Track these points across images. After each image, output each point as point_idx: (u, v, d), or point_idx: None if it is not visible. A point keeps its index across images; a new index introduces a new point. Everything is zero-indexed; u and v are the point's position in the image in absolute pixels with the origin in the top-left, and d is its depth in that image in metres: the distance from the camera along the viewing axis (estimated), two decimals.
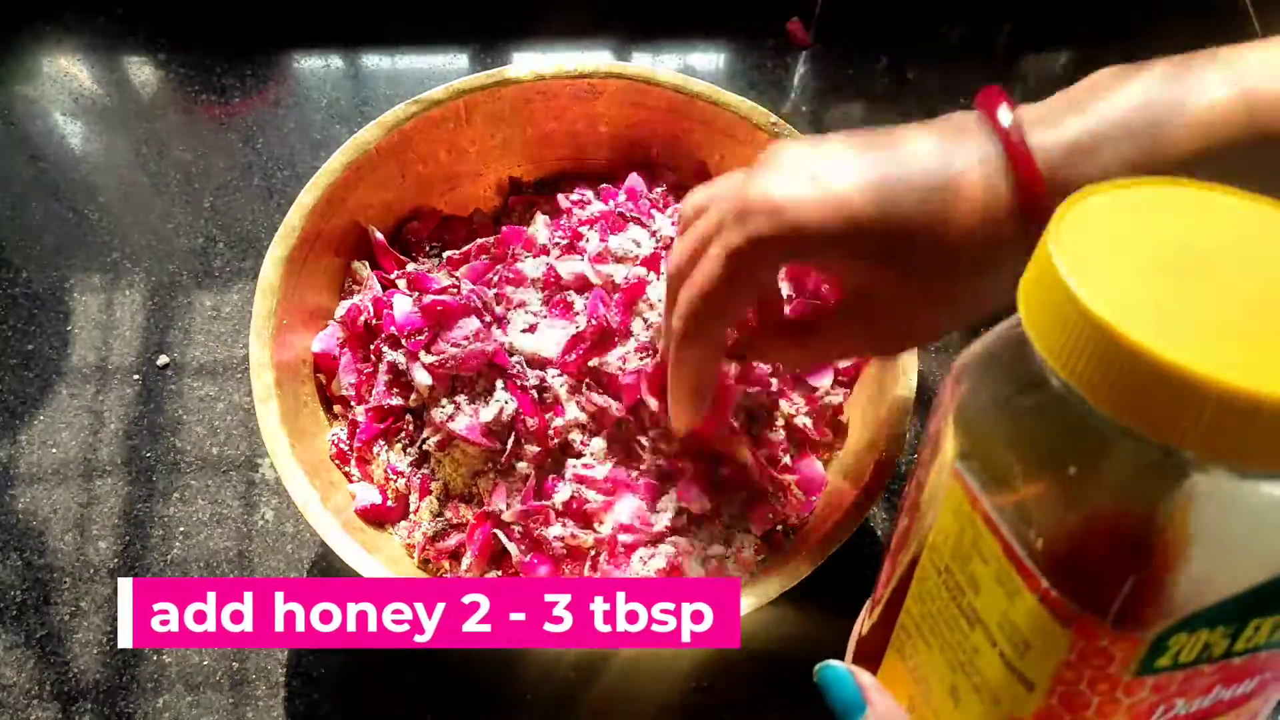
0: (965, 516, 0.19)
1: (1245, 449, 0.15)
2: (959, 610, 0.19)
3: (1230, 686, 0.18)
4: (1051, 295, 0.16)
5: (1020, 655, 0.18)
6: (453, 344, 0.45)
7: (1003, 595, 0.18)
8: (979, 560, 0.18)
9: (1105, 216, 0.17)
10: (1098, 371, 0.15)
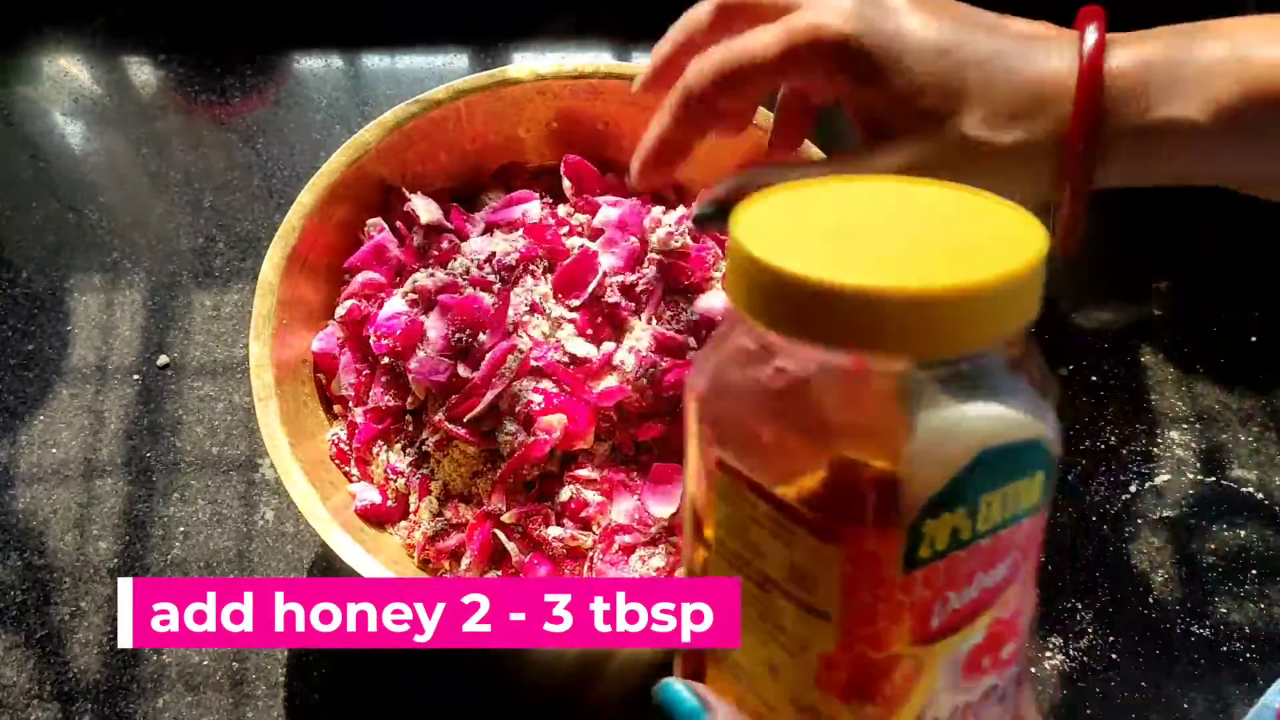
0: (735, 495, 0.21)
1: (899, 342, 0.18)
2: (756, 585, 0.21)
3: (989, 572, 0.20)
4: (737, 260, 0.19)
5: (810, 591, 0.20)
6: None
7: (782, 547, 0.20)
8: (756, 528, 0.20)
9: (782, 206, 0.21)
10: (770, 301, 0.19)
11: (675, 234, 0.49)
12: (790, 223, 0.21)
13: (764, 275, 0.18)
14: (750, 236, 0.19)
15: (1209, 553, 0.55)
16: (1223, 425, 0.59)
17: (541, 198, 0.52)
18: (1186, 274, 0.63)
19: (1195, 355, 0.60)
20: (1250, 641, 0.53)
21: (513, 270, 0.47)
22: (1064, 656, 0.52)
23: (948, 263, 0.19)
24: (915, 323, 0.18)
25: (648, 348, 0.46)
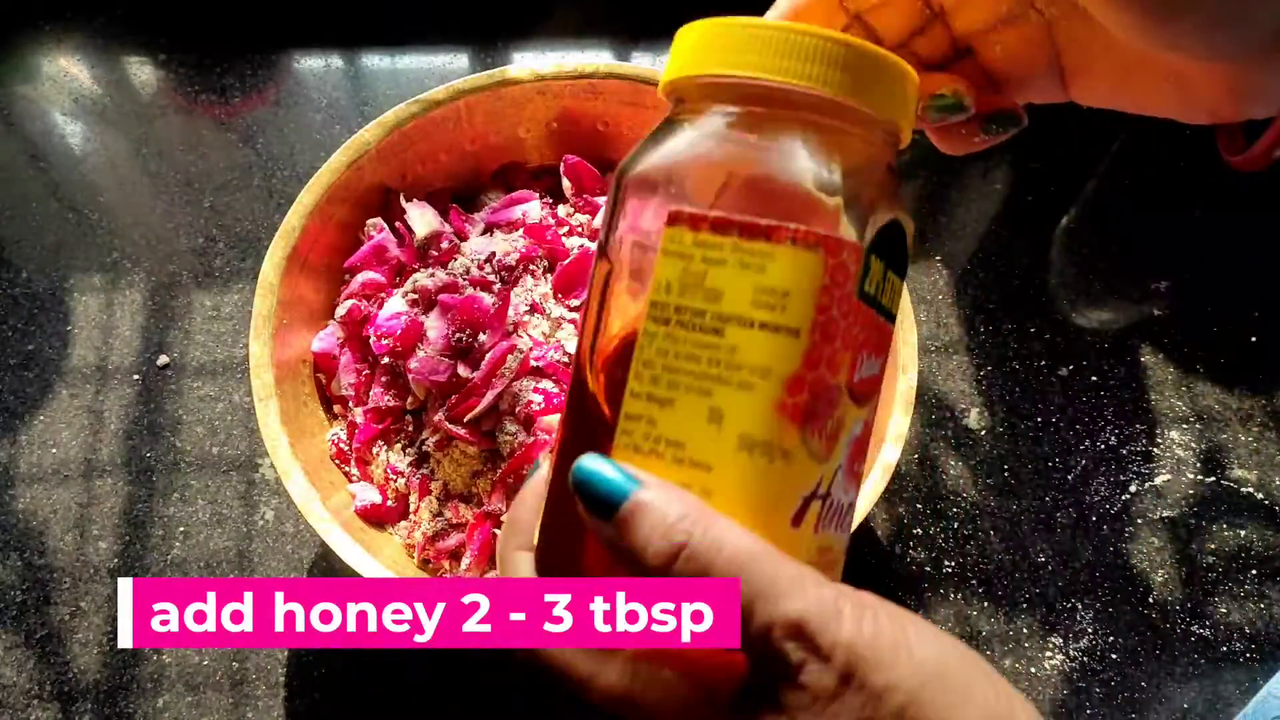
0: (688, 247, 0.22)
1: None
2: (700, 332, 0.22)
3: (875, 357, 0.23)
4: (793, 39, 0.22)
5: (782, 310, 0.21)
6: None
7: (750, 275, 0.21)
8: (716, 269, 0.22)
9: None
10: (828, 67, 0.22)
11: None
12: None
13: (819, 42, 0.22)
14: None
15: (1209, 553, 0.55)
16: (1223, 425, 0.59)
17: (541, 198, 0.52)
18: (1186, 274, 0.63)
19: (1195, 355, 0.60)
20: (1250, 641, 0.53)
21: (513, 270, 0.47)
22: (1064, 656, 0.52)
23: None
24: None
25: None
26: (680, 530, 0.21)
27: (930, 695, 0.20)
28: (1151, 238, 0.64)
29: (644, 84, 0.51)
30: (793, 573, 0.20)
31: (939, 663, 0.20)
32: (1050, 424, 0.58)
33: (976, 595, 0.53)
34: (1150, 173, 0.66)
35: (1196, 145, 0.66)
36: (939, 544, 0.55)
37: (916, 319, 0.45)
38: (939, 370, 0.60)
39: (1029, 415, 0.58)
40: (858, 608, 0.20)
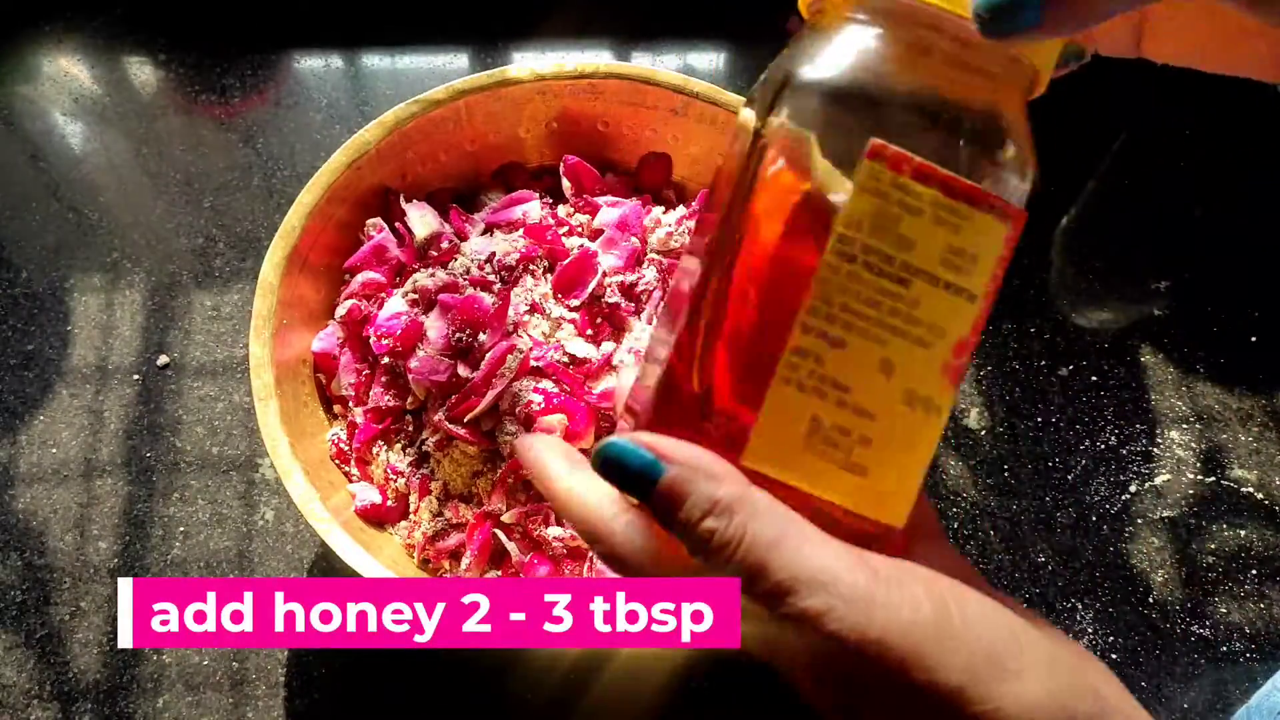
0: (885, 186, 0.21)
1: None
2: (885, 279, 0.22)
3: None
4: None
5: (967, 274, 0.22)
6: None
7: (944, 232, 0.22)
8: (911, 217, 0.21)
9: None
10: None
11: (675, 234, 0.49)
12: None
13: None
14: None
15: (1209, 553, 0.55)
16: (1223, 425, 0.59)
17: (541, 198, 0.52)
18: (1186, 274, 0.63)
19: (1195, 355, 0.60)
20: (1250, 641, 0.53)
21: (513, 270, 0.47)
22: None
23: None
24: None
25: (648, 347, 0.46)
26: (707, 525, 0.20)
27: (976, 690, 0.19)
28: (1151, 238, 0.64)
29: (644, 84, 0.51)
30: (819, 561, 0.19)
31: (989, 648, 0.19)
32: (1050, 424, 0.58)
33: None
34: (1150, 173, 0.66)
35: (1196, 145, 0.66)
36: None
37: None
38: None
39: (1029, 415, 0.58)
40: (896, 592, 0.19)
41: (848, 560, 0.19)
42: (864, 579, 0.19)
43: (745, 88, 0.70)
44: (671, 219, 0.50)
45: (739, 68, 0.72)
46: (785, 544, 0.19)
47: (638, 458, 0.21)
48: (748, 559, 0.19)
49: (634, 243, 0.49)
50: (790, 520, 0.20)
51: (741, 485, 0.20)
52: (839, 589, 0.19)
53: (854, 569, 0.19)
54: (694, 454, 0.21)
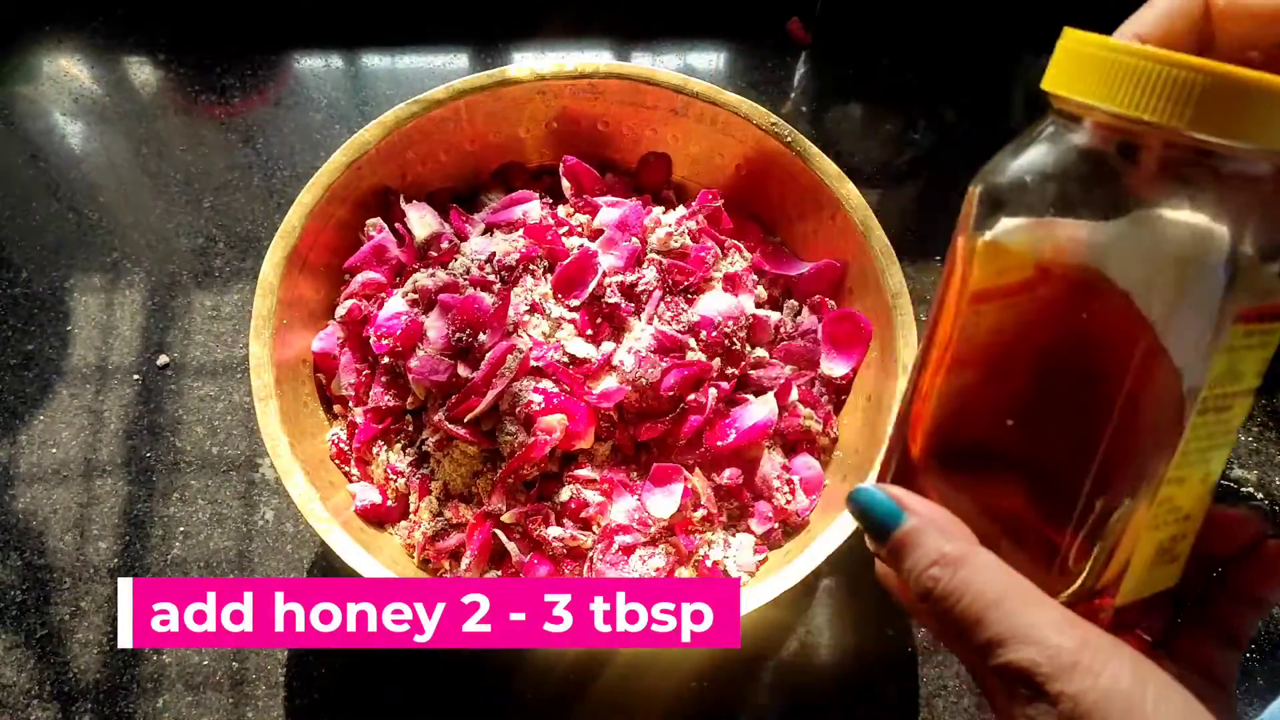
0: (1240, 339, 0.21)
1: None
2: (1221, 413, 0.22)
3: None
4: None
5: (1258, 376, 0.23)
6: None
7: (1258, 352, 0.22)
8: (1245, 353, 0.22)
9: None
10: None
11: (675, 234, 0.49)
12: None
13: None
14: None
15: None
16: None
17: (541, 198, 0.52)
18: None
19: None
20: (1250, 641, 0.53)
21: (513, 270, 0.47)
22: None
23: None
24: None
25: (648, 348, 0.46)
26: (932, 574, 0.22)
27: None
28: None
29: (644, 84, 0.51)
30: (1033, 620, 0.21)
31: None
32: None
33: None
34: None
35: None
36: None
37: (916, 319, 0.45)
38: None
39: None
40: (1100, 660, 0.20)
41: (1061, 624, 0.21)
42: (1072, 644, 0.21)
43: (745, 88, 0.70)
44: (671, 219, 0.50)
45: (739, 68, 0.72)
46: (1005, 604, 0.21)
47: (883, 506, 0.24)
48: (968, 611, 0.21)
49: (634, 243, 0.49)
50: (1013, 581, 0.22)
51: (969, 544, 0.22)
52: (1045, 649, 0.20)
53: (1065, 632, 0.21)
54: (932, 510, 0.23)
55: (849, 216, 0.48)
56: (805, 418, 0.48)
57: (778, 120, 0.50)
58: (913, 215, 0.66)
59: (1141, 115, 0.20)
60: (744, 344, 0.48)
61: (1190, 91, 0.19)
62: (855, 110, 0.70)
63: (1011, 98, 0.71)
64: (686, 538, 0.45)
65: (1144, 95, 0.20)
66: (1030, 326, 0.23)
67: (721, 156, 0.53)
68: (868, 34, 0.73)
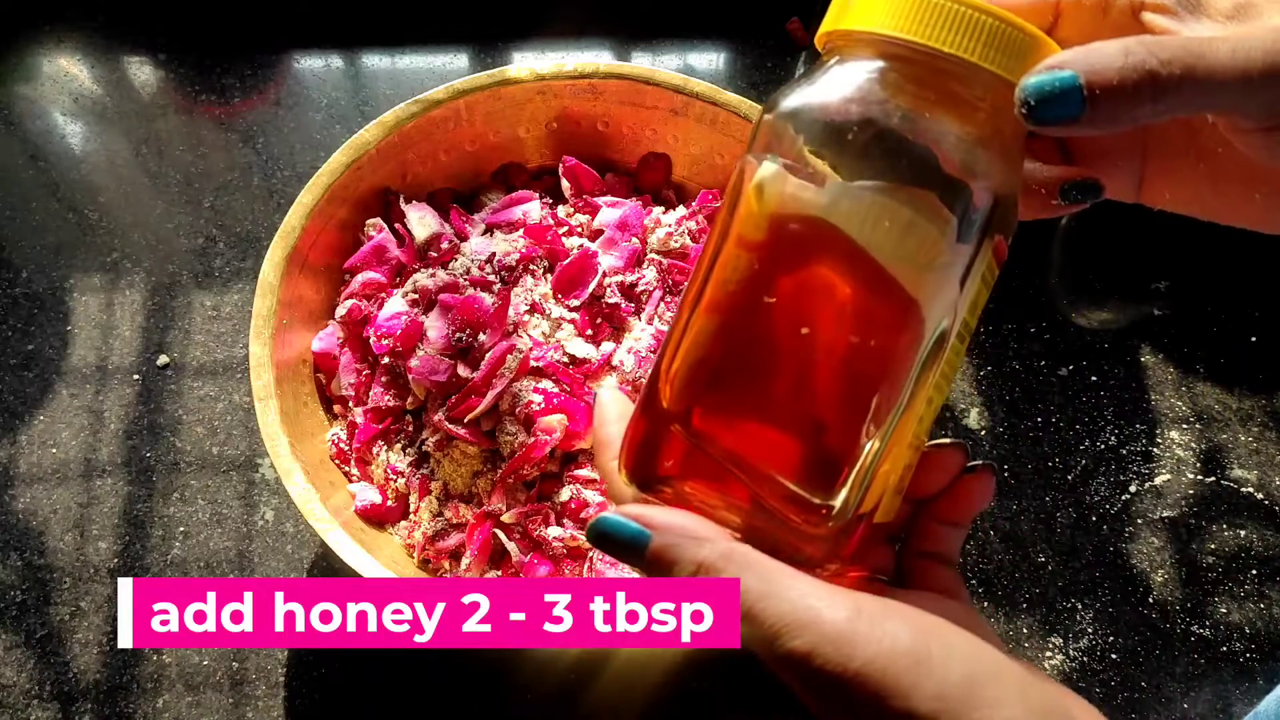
0: (987, 273, 0.24)
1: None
2: (959, 350, 0.24)
3: None
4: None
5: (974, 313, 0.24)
6: None
7: (988, 289, 0.24)
8: (983, 288, 0.24)
9: None
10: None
11: (675, 234, 0.49)
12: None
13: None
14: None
15: (1209, 553, 0.55)
16: (1223, 425, 0.59)
17: (541, 198, 0.52)
18: (1186, 274, 0.63)
19: (1195, 355, 0.60)
20: (1250, 641, 0.53)
21: (513, 270, 0.47)
22: (1064, 656, 0.52)
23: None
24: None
25: (647, 348, 0.46)
26: (694, 581, 0.22)
27: (956, 711, 0.20)
28: (1151, 238, 0.64)
29: (644, 84, 0.51)
30: (803, 604, 0.21)
31: (965, 679, 0.20)
32: (1050, 424, 0.58)
33: (976, 595, 0.53)
34: None
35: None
36: None
37: None
38: None
39: (1029, 415, 0.58)
40: (876, 625, 0.21)
41: (830, 599, 0.21)
42: (845, 615, 0.21)
43: (745, 88, 0.70)
44: (671, 219, 0.50)
45: (739, 68, 0.72)
46: (770, 594, 0.21)
47: (625, 530, 0.23)
48: (740, 607, 0.21)
49: (634, 243, 0.49)
50: (774, 571, 0.21)
51: (725, 544, 0.22)
52: (822, 628, 0.20)
53: (836, 606, 0.21)
54: (678, 520, 0.23)
55: None
56: None
57: None
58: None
59: (914, 38, 0.22)
60: None
61: (957, 21, 0.22)
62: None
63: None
64: None
65: (916, 23, 0.22)
66: (782, 271, 0.23)
67: (721, 156, 0.53)
68: None
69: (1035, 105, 0.21)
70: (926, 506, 0.27)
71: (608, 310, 0.47)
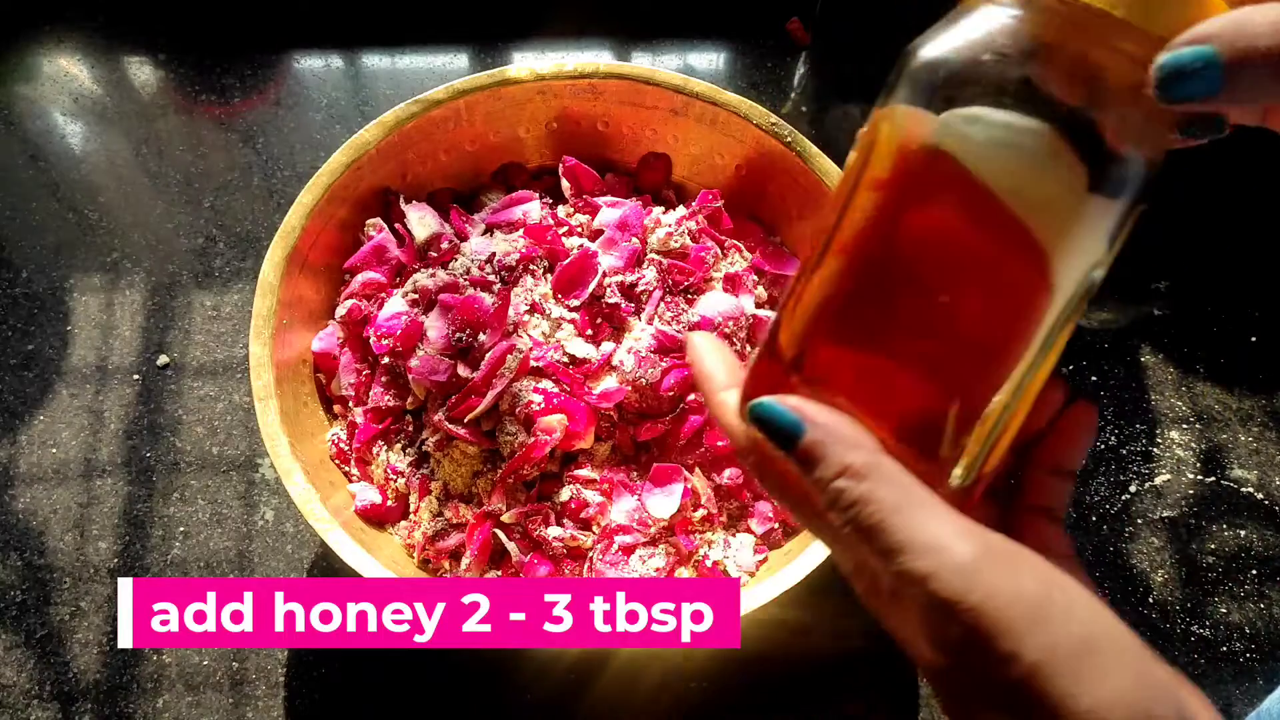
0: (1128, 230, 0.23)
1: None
2: (1085, 305, 0.23)
3: None
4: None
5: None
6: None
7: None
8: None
9: None
10: None
11: (675, 234, 0.49)
12: None
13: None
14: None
15: (1209, 553, 0.55)
16: (1223, 425, 0.59)
17: (541, 198, 0.52)
18: (1186, 274, 0.63)
19: (1195, 355, 0.60)
20: (1250, 641, 0.53)
21: (513, 270, 0.47)
22: None
23: None
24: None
25: (648, 348, 0.46)
26: (837, 485, 0.22)
27: (1057, 671, 0.19)
28: (1151, 238, 0.64)
29: (644, 84, 0.51)
30: (935, 529, 0.21)
31: (1081, 640, 0.20)
32: None
33: None
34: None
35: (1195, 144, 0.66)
36: None
37: None
38: None
39: None
40: (1003, 567, 0.20)
41: (965, 531, 0.21)
42: (973, 550, 0.20)
43: (745, 88, 0.70)
44: (671, 219, 0.50)
45: (739, 68, 0.72)
46: (905, 510, 0.21)
47: (784, 419, 0.23)
48: (870, 519, 0.21)
49: (634, 243, 0.49)
50: (914, 490, 0.22)
51: (873, 454, 0.22)
52: (947, 555, 0.20)
53: (968, 538, 0.21)
54: (835, 421, 0.23)
55: None
56: None
57: (778, 120, 0.50)
58: None
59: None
60: (744, 344, 0.48)
61: None
62: (855, 110, 0.70)
63: None
64: (686, 538, 0.45)
65: None
66: (911, 215, 0.23)
67: (721, 156, 0.53)
68: (868, 34, 0.73)
69: (1168, 82, 0.20)
70: (1031, 456, 0.26)
71: (608, 310, 0.47)
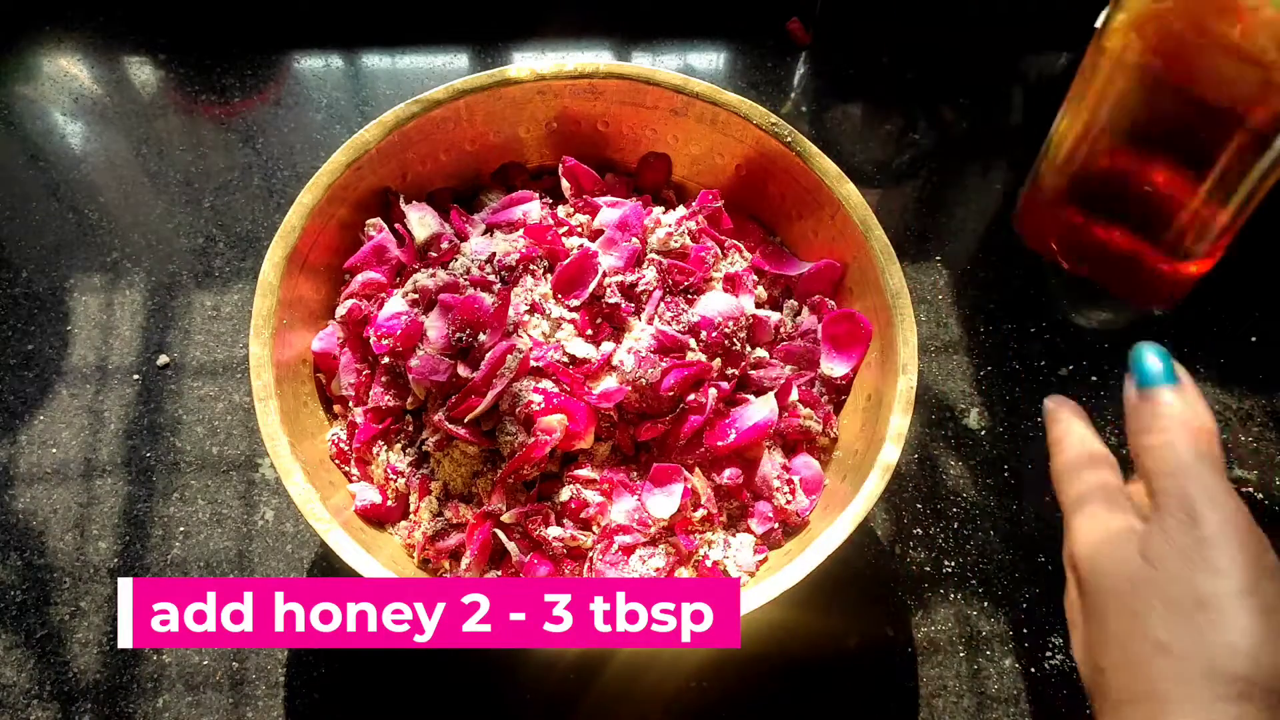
0: None
1: None
2: None
3: None
4: None
5: None
6: None
7: None
8: None
9: None
10: None
11: (675, 234, 0.49)
12: None
13: None
14: None
15: None
16: (1223, 425, 0.58)
17: (541, 198, 0.52)
18: None
19: (1195, 355, 0.60)
20: None
21: (513, 270, 0.47)
22: (1064, 656, 0.52)
23: None
24: None
25: (648, 348, 0.46)
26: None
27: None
28: None
29: (644, 84, 0.51)
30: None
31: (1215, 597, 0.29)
32: None
33: (976, 595, 0.53)
34: None
35: None
36: (939, 544, 0.55)
37: (916, 319, 0.45)
38: (939, 370, 0.60)
39: (1029, 415, 0.58)
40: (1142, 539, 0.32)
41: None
42: (1122, 524, 0.33)
43: (745, 88, 0.70)
44: (671, 219, 0.50)
45: (739, 68, 0.72)
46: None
47: (1166, 361, 0.33)
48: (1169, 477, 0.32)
49: (634, 243, 0.49)
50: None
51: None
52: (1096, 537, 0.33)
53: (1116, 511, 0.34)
54: (1193, 386, 0.32)
55: (849, 216, 0.48)
56: (805, 418, 0.48)
57: (778, 120, 0.50)
58: (913, 215, 0.66)
59: None
60: (744, 344, 0.48)
61: None
62: (855, 110, 0.70)
63: (1011, 97, 0.71)
64: (686, 538, 0.45)
65: None
66: (1158, 71, 0.26)
67: (721, 156, 0.53)
68: (867, 34, 0.73)
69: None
70: None
71: (608, 310, 0.47)
